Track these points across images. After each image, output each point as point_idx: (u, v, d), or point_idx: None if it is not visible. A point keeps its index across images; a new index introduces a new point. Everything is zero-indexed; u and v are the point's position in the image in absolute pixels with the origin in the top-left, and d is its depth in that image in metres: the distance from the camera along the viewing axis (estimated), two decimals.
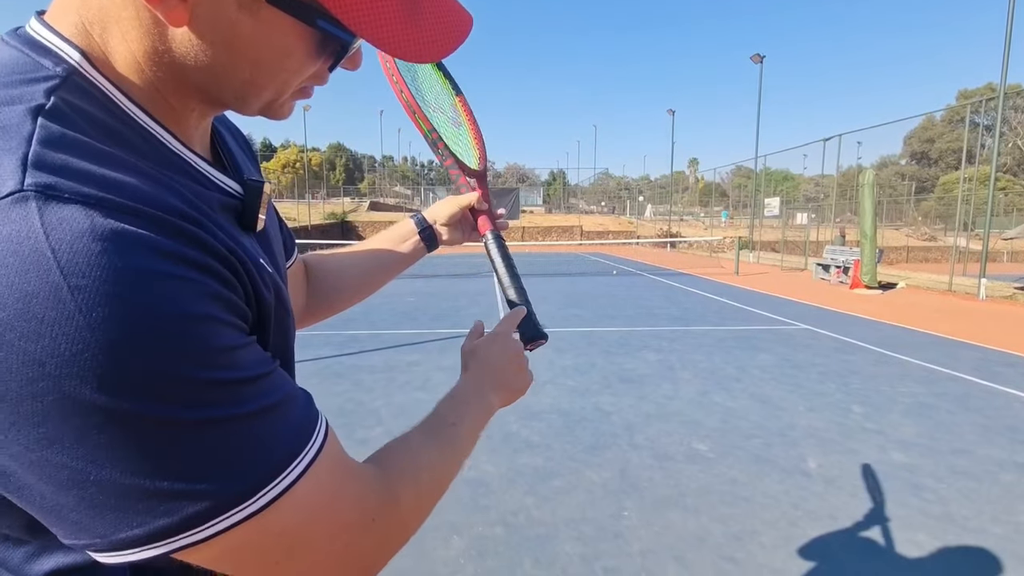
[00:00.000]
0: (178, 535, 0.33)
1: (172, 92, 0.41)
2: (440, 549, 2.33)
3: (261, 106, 0.44)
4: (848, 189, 29.46)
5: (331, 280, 0.82)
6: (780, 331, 7.11)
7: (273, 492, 0.35)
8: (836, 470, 3.09)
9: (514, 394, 0.71)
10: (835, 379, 4.87)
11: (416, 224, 0.88)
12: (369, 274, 0.86)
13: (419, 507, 0.48)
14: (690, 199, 55.73)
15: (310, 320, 0.81)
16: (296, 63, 0.42)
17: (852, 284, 11.73)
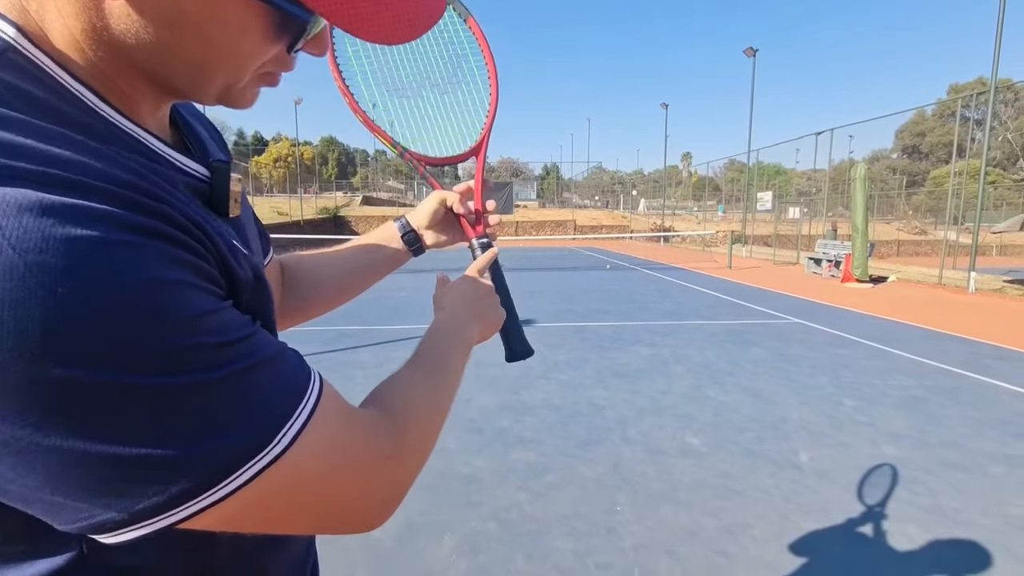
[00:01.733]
0: (198, 496, 0.33)
1: (118, 74, 0.38)
2: (433, 547, 2.31)
3: (217, 92, 0.41)
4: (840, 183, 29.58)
5: (308, 281, 0.78)
6: (772, 325, 7.14)
7: (281, 444, 0.36)
8: (828, 463, 3.10)
9: (490, 326, 0.72)
10: (827, 372, 4.89)
11: (399, 228, 0.84)
12: (348, 276, 0.82)
13: (424, 437, 0.50)
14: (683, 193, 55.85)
15: (285, 323, 0.78)
16: (250, 44, 0.38)
17: (844, 278, 11.81)
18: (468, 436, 3.42)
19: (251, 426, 0.35)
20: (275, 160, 52.19)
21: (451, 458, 3.11)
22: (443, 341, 0.62)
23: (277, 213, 28.80)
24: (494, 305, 0.73)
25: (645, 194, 47.13)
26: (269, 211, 28.98)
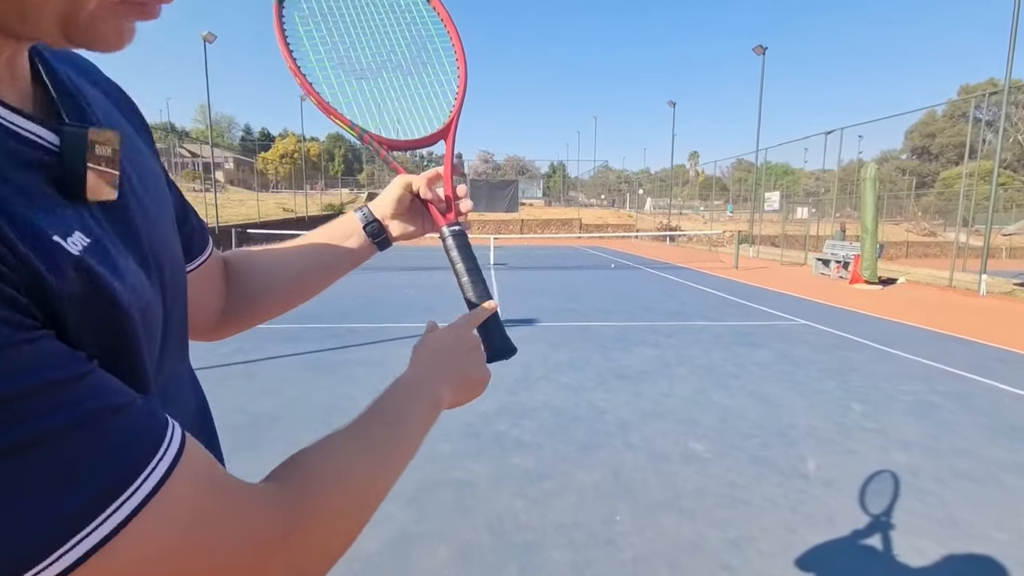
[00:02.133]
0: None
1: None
2: (426, 557, 2.24)
3: (57, 24, 0.32)
4: (849, 183, 29.28)
5: (257, 281, 0.69)
6: (779, 327, 7.02)
7: (110, 524, 0.28)
8: (835, 471, 3.00)
9: (470, 386, 0.61)
10: (834, 376, 4.78)
11: (361, 218, 0.74)
12: (304, 276, 0.72)
13: (346, 515, 0.42)
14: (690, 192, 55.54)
15: (229, 329, 0.69)
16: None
17: (852, 279, 11.64)
18: (464, 440, 3.35)
19: (66, 499, 0.27)
20: (281, 156, 52.28)
21: (445, 463, 3.04)
22: (406, 398, 0.53)
23: (282, 209, 28.83)
24: (478, 361, 0.63)
25: (651, 193, 46.90)
26: (275, 207, 29.02)
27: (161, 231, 0.44)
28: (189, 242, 0.57)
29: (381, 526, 2.41)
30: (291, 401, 3.97)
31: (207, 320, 0.64)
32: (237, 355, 5.13)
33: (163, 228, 0.45)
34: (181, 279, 0.48)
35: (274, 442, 3.28)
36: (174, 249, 0.47)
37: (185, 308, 0.50)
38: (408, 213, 0.75)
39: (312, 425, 3.55)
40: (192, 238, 0.58)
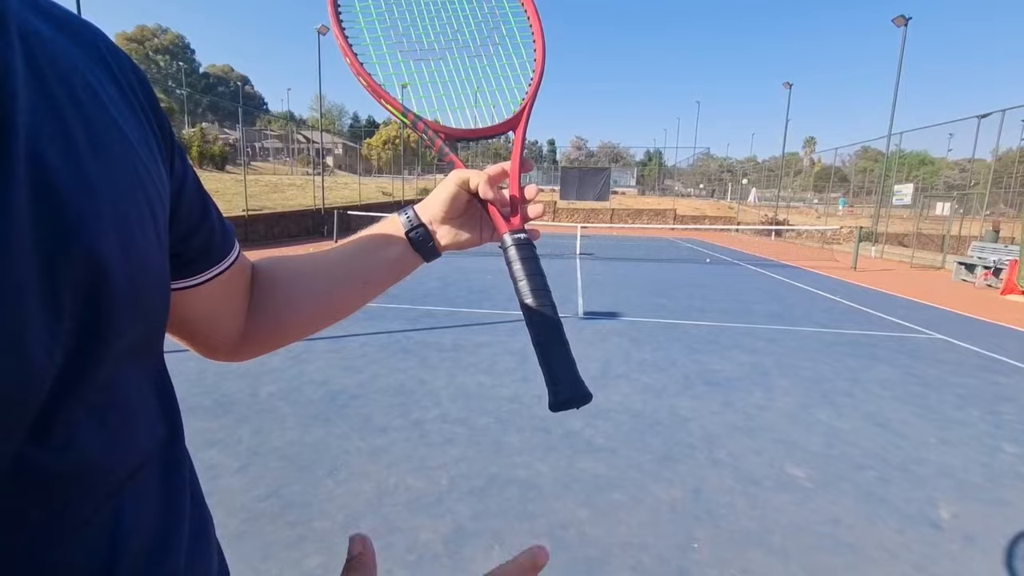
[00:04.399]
0: None
1: None
2: (480, 557, 2.12)
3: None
4: (1005, 176, 24.93)
5: (280, 295, 0.58)
6: (907, 339, 6.07)
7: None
8: (979, 524, 2.45)
9: None
10: (979, 405, 3.99)
11: (404, 222, 0.60)
12: (333, 290, 0.60)
13: None
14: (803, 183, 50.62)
15: (252, 349, 0.58)
16: None
17: (1005, 289, 9.86)
18: (534, 436, 3.19)
19: None
20: (384, 142, 55.19)
21: (511, 459, 2.90)
22: None
23: (382, 193, 30.42)
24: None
25: (757, 183, 43.39)
26: (375, 190, 30.69)
27: (105, 238, 0.31)
28: (207, 244, 0.47)
29: (439, 518, 2.33)
30: (368, 380, 4.05)
31: (227, 338, 0.54)
32: (326, 330, 5.40)
33: (113, 232, 0.31)
34: (128, 308, 0.33)
35: (347, 419, 3.35)
36: (133, 262, 0.33)
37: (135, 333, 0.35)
38: (463, 217, 0.60)
39: (383, 408, 3.59)
40: (211, 239, 0.47)
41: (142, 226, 0.35)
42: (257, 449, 2.90)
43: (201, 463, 2.73)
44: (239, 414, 3.34)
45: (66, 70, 0.32)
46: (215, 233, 0.48)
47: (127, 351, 0.34)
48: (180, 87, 57.47)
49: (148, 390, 0.38)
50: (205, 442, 2.95)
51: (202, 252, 0.47)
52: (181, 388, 2.87)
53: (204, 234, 0.47)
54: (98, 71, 0.36)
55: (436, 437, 3.15)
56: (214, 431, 3.09)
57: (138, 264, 0.34)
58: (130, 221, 0.33)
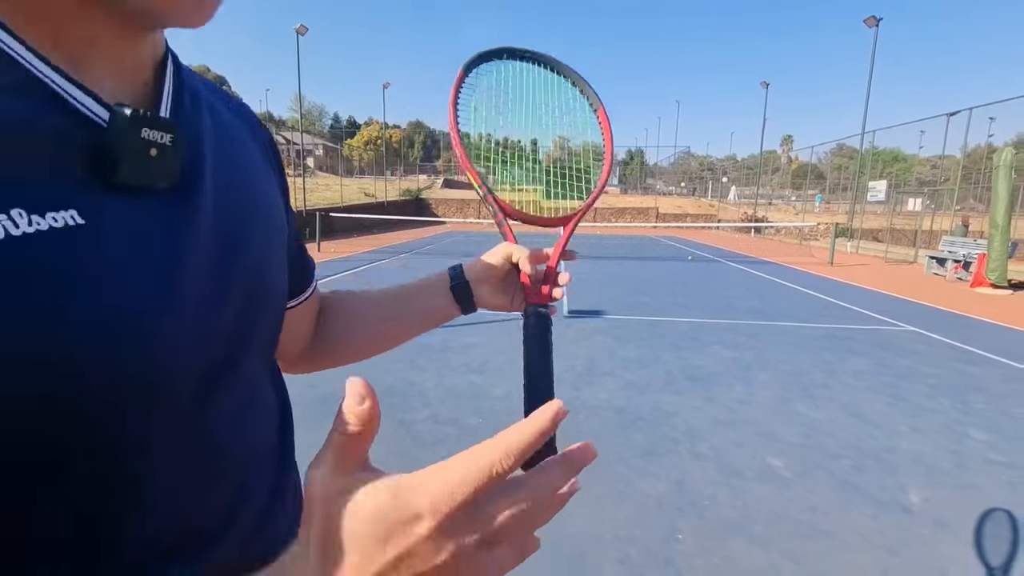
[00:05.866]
0: None
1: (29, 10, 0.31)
2: None
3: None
4: (974, 172, 25.71)
5: (339, 325, 0.69)
6: (881, 332, 6.25)
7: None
8: (948, 509, 2.56)
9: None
10: (949, 394, 4.14)
11: (452, 275, 0.70)
12: (382, 325, 0.71)
13: None
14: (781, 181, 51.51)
15: (305, 366, 0.69)
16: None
17: (974, 282, 10.20)
18: None
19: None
20: (366, 143, 54.74)
21: None
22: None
23: (364, 194, 30.20)
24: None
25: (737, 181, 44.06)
26: (357, 191, 30.46)
27: (254, 255, 0.44)
28: (298, 278, 0.60)
29: None
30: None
31: (287, 354, 0.65)
32: None
33: (258, 253, 0.45)
34: (266, 313, 0.47)
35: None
36: (268, 278, 0.47)
37: (260, 338, 0.47)
38: (501, 283, 0.70)
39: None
40: (301, 274, 0.61)
41: (277, 246, 0.49)
42: None
43: None
44: None
45: (230, 134, 0.47)
46: (304, 271, 0.62)
47: (261, 348, 0.47)
48: None
49: (268, 381, 0.51)
50: None
51: (290, 283, 0.56)
52: None
53: (295, 267, 0.58)
54: (247, 136, 0.51)
55: (427, 438, 3.18)
56: None
57: (276, 275, 0.48)
58: (270, 241, 0.47)
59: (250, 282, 0.43)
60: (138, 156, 0.33)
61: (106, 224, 0.31)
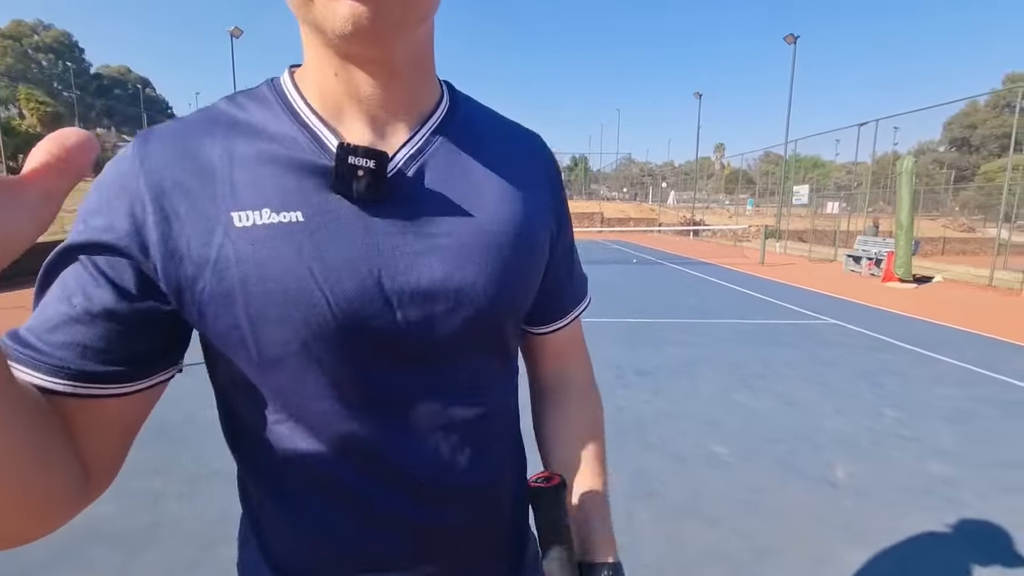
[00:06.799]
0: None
1: (305, 78, 0.51)
2: None
3: (298, 8, 0.43)
4: (883, 177, 28.24)
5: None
6: (808, 325, 6.81)
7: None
8: (867, 480, 2.88)
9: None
10: (866, 379, 4.60)
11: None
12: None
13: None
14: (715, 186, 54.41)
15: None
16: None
17: (885, 277, 11.25)
18: None
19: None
20: None
21: None
22: None
23: None
24: None
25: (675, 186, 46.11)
26: None
27: (460, 261, 0.49)
28: (545, 305, 0.64)
29: None
30: None
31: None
32: None
33: (469, 261, 0.50)
34: (461, 315, 0.50)
35: None
36: (481, 286, 0.51)
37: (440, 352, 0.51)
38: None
39: None
40: (550, 302, 0.65)
41: (514, 262, 0.53)
42: (200, 474, 2.81)
43: (145, 492, 2.61)
44: (175, 440, 3.20)
45: (492, 162, 0.55)
46: (554, 303, 0.66)
47: (451, 345, 0.53)
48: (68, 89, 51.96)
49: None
50: (146, 470, 2.81)
51: (541, 309, 0.64)
52: None
53: (550, 294, 0.64)
54: (522, 161, 0.58)
55: None
56: (154, 459, 2.94)
57: (497, 286, 0.53)
58: (496, 253, 0.52)
59: (447, 285, 0.49)
60: (347, 176, 0.45)
61: (319, 222, 0.45)
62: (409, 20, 0.44)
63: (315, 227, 0.45)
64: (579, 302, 0.69)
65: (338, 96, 0.48)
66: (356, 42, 0.42)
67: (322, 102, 0.49)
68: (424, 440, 0.51)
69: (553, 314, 0.65)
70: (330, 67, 0.47)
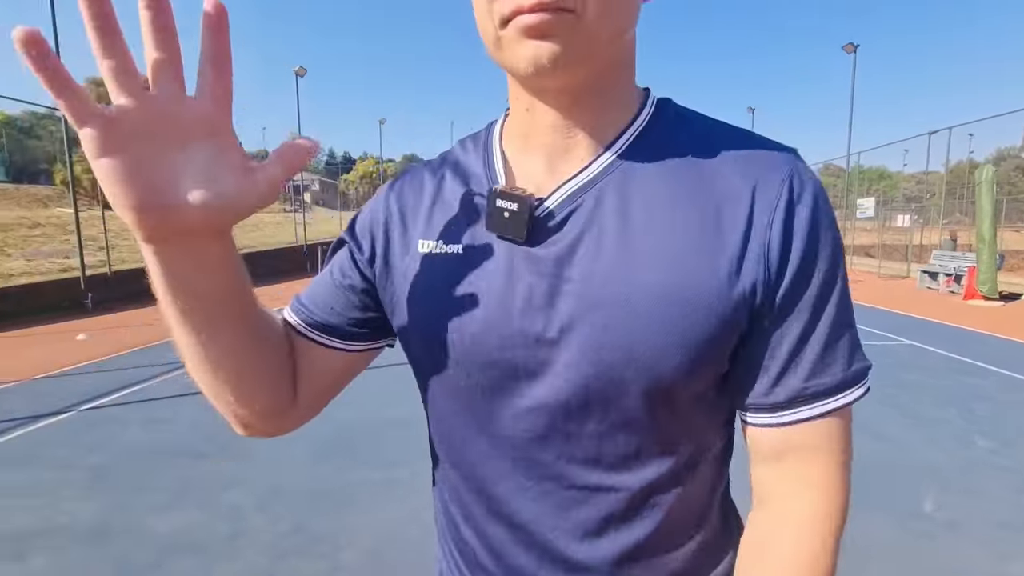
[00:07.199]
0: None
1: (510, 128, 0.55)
2: None
3: (492, 45, 0.44)
4: (957, 187, 26.32)
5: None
6: (884, 347, 6.38)
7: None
8: (959, 512, 2.65)
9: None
10: (955, 404, 4.25)
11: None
12: None
13: None
14: None
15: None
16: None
17: (966, 294, 10.40)
18: None
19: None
20: (361, 177, 55.54)
21: None
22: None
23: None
24: None
25: None
26: None
27: (583, 315, 0.45)
28: (748, 384, 0.47)
29: None
30: (373, 413, 4.09)
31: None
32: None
33: (613, 310, 0.44)
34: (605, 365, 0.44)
35: (358, 453, 3.41)
36: (633, 337, 0.43)
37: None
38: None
39: (392, 440, 3.66)
40: (754, 381, 0.47)
41: (668, 317, 0.43)
42: (274, 488, 2.95)
43: (219, 506, 2.77)
44: (248, 455, 3.36)
45: (685, 201, 0.46)
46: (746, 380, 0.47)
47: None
48: None
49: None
50: (219, 485, 2.98)
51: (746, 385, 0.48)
52: (188, 434, 2.97)
53: (748, 364, 0.47)
54: (735, 203, 0.45)
55: None
56: (226, 473, 3.12)
57: (643, 342, 0.46)
58: (645, 306, 0.43)
59: (568, 335, 0.45)
60: (495, 216, 0.48)
61: (472, 255, 0.50)
62: (595, 52, 0.43)
63: (467, 261, 0.49)
64: (823, 393, 0.45)
65: (526, 128, 0.50)
66: (542, 80, 0.44)
67: (513, 137, 0.52)
68: (544, 494, 0.49)
69: (763, 400, 0.46)
70: (523, 103, 0.49)
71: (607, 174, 0.47)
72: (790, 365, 0.45)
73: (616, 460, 0.47)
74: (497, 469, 0.51)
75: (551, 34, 0.40)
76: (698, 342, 0.43)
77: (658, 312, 0.43)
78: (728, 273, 0.43)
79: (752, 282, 0.44)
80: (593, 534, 0.49)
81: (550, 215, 0.47)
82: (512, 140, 0.53)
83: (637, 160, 0.47)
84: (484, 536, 0.54)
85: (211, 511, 2.70)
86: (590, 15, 0.40)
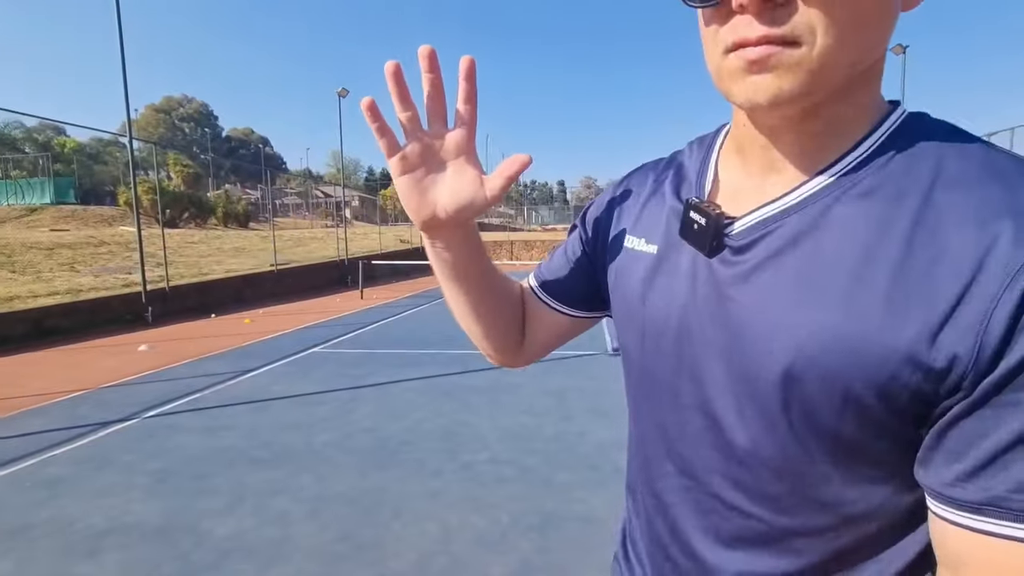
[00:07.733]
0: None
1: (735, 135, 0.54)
2: None
3: (713, 75, 0.44)
4: None
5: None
6: None
7: None
8: None
9: None
10: None
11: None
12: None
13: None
14: None
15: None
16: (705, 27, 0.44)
17: None
18: (584, 473, 3.28)
19: None
20: None
21: (566, 495, 2.99)
22: None
23: (399, 240, 31.20)
24: None
25: None
26: (393, 239, 31.49)
27: (744, 349, 0.45)
28: (935, 466, 0.38)
29: (505, 554, 2.43)
30: (414, 425, 4.18)
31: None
32: (369, 377, 5.58)
33: (771, 346, 0.43)
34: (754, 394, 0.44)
35: (400, 464, 3.48)
36: (795, 385, 0.41)
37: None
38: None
39: (433, 451, 3.71)
40: (932, 468, 0.38)
41: (838, 377, 0.39)
42: (322, 495, 3.05)
43: (271, 511, 2.88)
44: (298, 463, 3.49)
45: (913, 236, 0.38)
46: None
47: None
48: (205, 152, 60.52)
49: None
50: (271, 491, 3.10)
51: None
52: (239, 441, 3.09)
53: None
54: (961, 256, 0.36)
55: (488, 477, 3.26)
56: (278, 480, 3.24)
57: (799, 391, 0.44)
58: (810, 361, 0.41)
59: (730, 363, 0.46)
60: (687, 227, 0.51)
61: (664, 258, 0.54)
62: (821, 87, 0.39)
63: (660, 261, 0.54)
64: (995, 511, 0.35)
65: (741, 141, 0.50)
66: (755, 116, 0.46)
67: (731, 148, 0.53)
68: (686, 489, 0.53)
69: (940, 492, 0.38)
70: (741, 117, 0.49)
71: (810, 203, 0.43)
72: (992, 463, 0.35)
73: (755, 488, 0.47)
74: (658, 453, 0.56)
75: (773, 68, 0.38)
76: (858, 399, 0.39)
77: (823, 359, 0.39)
78: (923, 337, 0.36)
79: (952, 353, 0.35)
80: (724, 544, 0.51)
81: (738, 236, 0.47)
82: (729, 150, 0.54)
83: (851, 189, 0.41)
84: (643, 510, 0.60)
85: (264, 516, 2.81)
86: (820, 48, 0.37)
